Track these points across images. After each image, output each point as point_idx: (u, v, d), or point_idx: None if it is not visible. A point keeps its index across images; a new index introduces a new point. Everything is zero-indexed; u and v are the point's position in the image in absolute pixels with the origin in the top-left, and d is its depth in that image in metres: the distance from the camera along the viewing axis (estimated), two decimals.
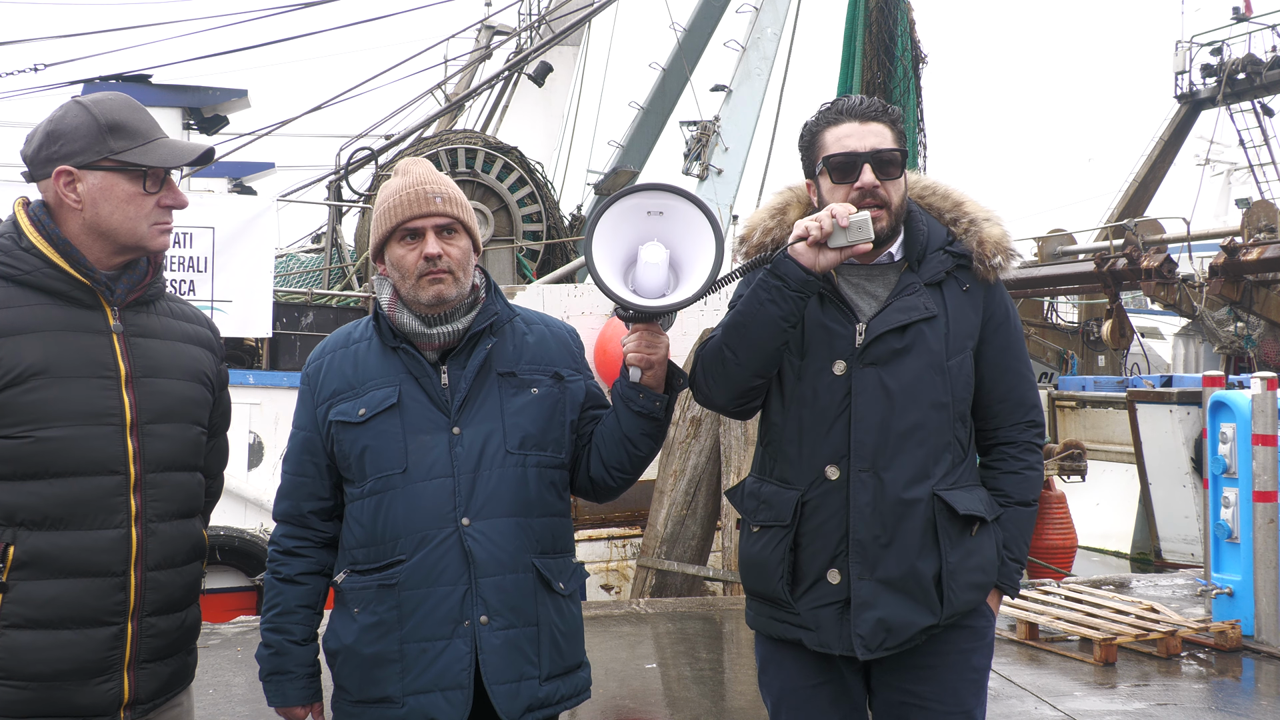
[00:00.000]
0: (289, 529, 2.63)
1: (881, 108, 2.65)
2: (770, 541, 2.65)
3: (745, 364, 2.56)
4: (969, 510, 2.60)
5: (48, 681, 2.22)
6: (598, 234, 2.47)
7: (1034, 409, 2.76)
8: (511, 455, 2.53)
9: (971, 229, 2.71)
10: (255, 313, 9.62)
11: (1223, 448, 6.60)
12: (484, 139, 12.69)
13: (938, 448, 2.60)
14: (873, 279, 2.66)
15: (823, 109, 2.70)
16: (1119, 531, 15.66)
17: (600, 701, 5.35)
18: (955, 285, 2.66)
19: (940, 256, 2.66)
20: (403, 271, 2.52)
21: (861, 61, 8.93)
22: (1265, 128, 24.74)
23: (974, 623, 2.67)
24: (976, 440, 2.76)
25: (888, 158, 2.59)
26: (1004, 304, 2.72)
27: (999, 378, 2.70)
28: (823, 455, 2.60)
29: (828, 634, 2.60)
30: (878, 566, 2.56)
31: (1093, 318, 21.90)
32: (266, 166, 20.48)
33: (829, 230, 2.45)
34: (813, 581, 2.61)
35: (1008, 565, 2.70)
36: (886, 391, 2.57)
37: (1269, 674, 5.95)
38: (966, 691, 2.66)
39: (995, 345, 2.69)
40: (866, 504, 2.56)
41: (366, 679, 2.51)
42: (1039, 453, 2.78)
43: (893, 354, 2.58)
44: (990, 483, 2.73)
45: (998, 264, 2.67)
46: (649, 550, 8.22)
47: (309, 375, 2.64)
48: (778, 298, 2.48)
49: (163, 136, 2.39)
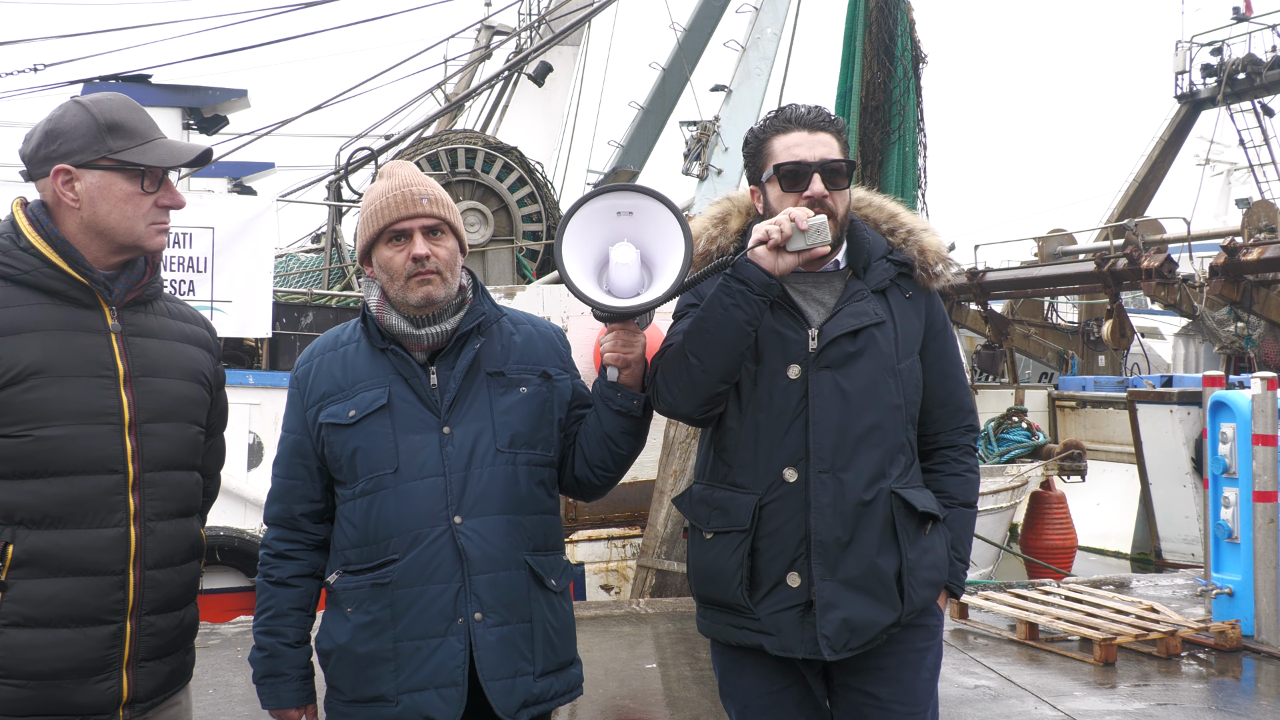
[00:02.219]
0: (280, 532, 2.64)
1: (828, 118, 2.70)
2: (726, 547, 2.65)
3: (711, 370, 2.57)
4: (926, 507, 2.66)
5: (47, 680, 2.23)
6: (568, 237, 2.50)
7: (971, 413, 2.85)
8: (502, 454, 2.54)
9: (910, 238, 2.78)
10: (255, 313, 9.61)
11: (1223, 448, 6.60)
12: (484, 139, 12.68)
13: (893, 448, 2.64)
14: (819, 286, 2.70)
15: (769, 116, 2.74)
16: (1119, 531, 15.66)
17: (600, 701, 5.36)
18: (899, 293, 2.72)
19: (883, 265, 2.72)
20: (391, 273, 2.54)
21: (861, 61, 8.93)
22: (1265, 128, 24.76)
23: (927, 621, 2.72)
24: (919, 444, 2.80)
25: (835, 168, 2.63)
26: (941, 311, 2.81)
27: (939, 383, 2.77)
28: (780, 458, 2.61)
29: (789, 638, 2.61)
30: (839, 567, 2.58)
31: (1093, 318, 21.90)
32: (266, 166, 20.46)
33: (789, 234, 2.50)
34: (772, 586, 2.62)
35: (955, 565, 2.76)
36: (843, 394, 2.60)
37: (1269, 674, 5.94)
38: (924, 691, 2.72)
39: (935, 351, 2.77)
40: (827, 505, 2.58)
41: (360, 678, 2.51)
42: (975, 456, 2.87)
43: (846, 357, 2.62)
44: (933, 485, 2.78)
45: (939, 271, 2.75)
46: (649, 550, 8.22)
47: (298, 378, 2.65)
48: (741, 301, 2.51)
49: (161, 137, 2.40)
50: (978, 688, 5.57)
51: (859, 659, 2.64)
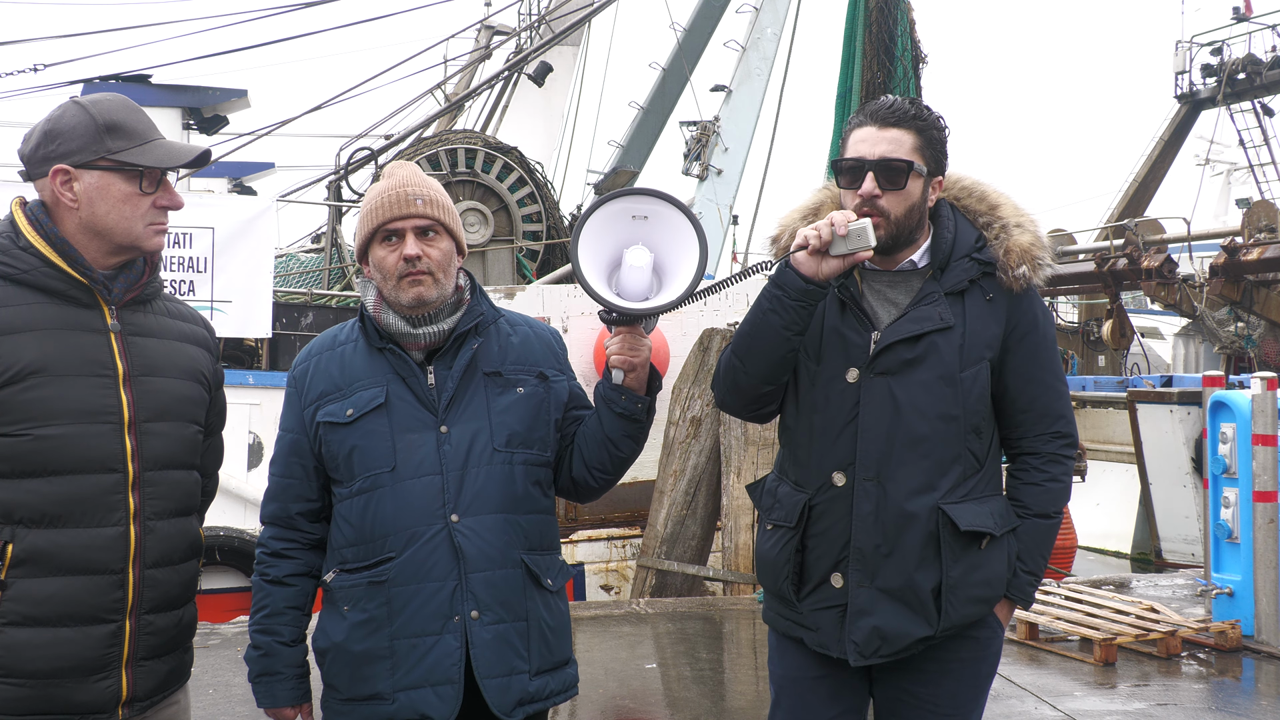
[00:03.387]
0: (277, 531, 2.64)
1: (908, 113, 2.58)
2: (779, 541, 2.67)
3: (752, 373, 2.57)
4: (972, 526, 2.55)
5: (46, 679, 2.23)
6: (584, 237, 2.50)
7: (1061, 419, 2.68)
8: (499, 453, 2.55)
9: (1002, 235, 2.65)
10: (255, 313, 9.61)
11: (1223, 448, 6.59)
12: (484, 139, 12.68)
13: (945, 460, 2.57)
14: (895, 286, 2.63)
15: (860, 108, 2.67)
16: (1119, 531, 15.65)
17: (600, 701, 5.35)
18: (979, 294, 2.61)
19: (965, 264, 2.61)
20: (384, 272, 2.55)
21: (861, 62, 8.92)
22: (1265, 128, 24.74)
23: (978, 633, 2.66)
24: (1005, 449, 2.72)
25: (895, 166, 2.53)
26: (1031, 313, 2.66)
27: (1023, 388, 2.65)
28: (831, 461, 2.60)
29: (827, 636, 2.62)
30: (877, 575, 2.56)
31: (1093, 318, 21.90)
32: (266, 167, 20.48)
33: (828, 239, 2.44)
34: (817, 584, 2.63)
35: (1020, 577, 2.67)
36: (894, 402, 2.55)
37: (1269, 674, 5.94)
38: (966, 696, 2.68)
39: (1020, 355, 2.63)
40: (869, 513, 2.56)
41: (356, 676, 2.52)
42: (1066, 464, 2.70)
43: (903, 364, 2.56)
44: (1011, 493, 2.70)
45: (1022, 274, 2.60)
46: (649, 550, 8.21)
47: (295, 378, 2.66)
48: (778, 307, 2.49)
49: (160, 137, 2.40)
50: None
51: (899, 663, 2.62)
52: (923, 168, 2.58)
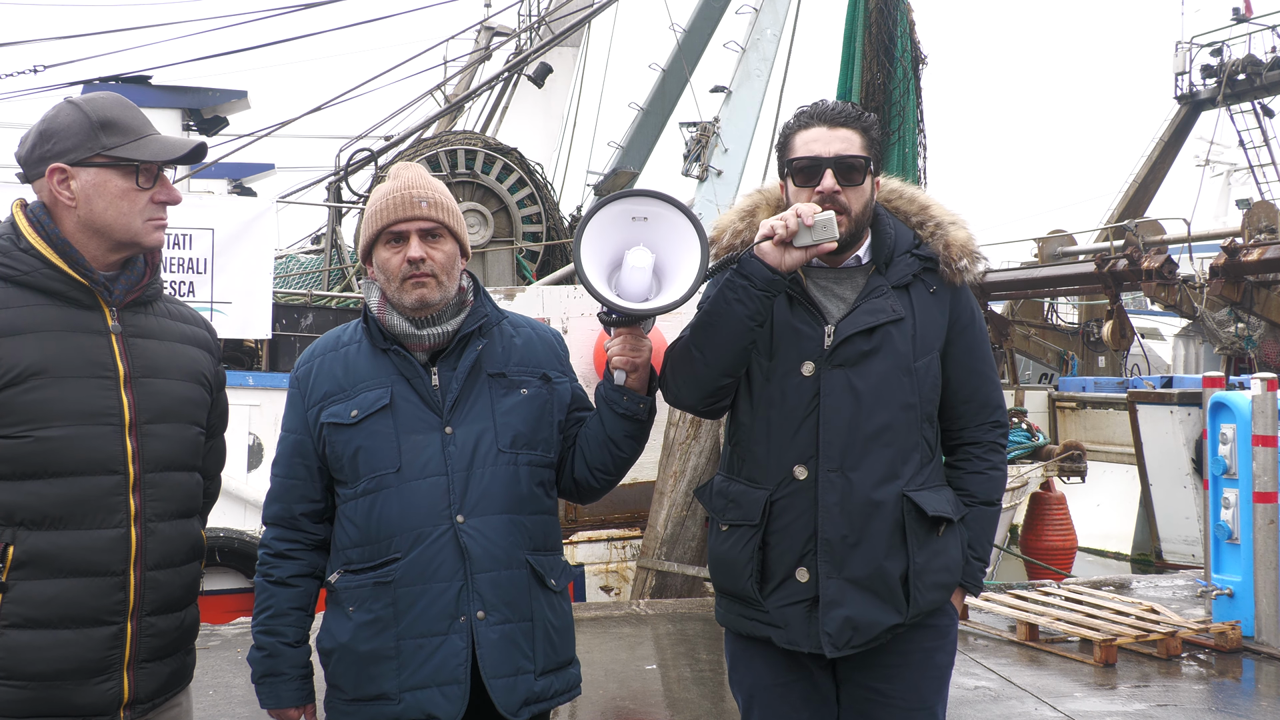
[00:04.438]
0: (280, 531, 2.64)
1: (854, 114, 2.67)
2: (739, 540, 2.67)
3: (713, 363, 2.58)
4: (937, 511, 2.63)
5: (47, 681, 2.23)
6: (586, 238, 2.51)
7: (998, 409, 2.80)
8: (503, 454, 2.56)
9: (938, 232, 2.74)
10: (255, 314, 9.61)
11: (1223, 449, 6.60)
12: (484, 140, 12.68)
13: (906, 448, 2.63)
14: (840, 282, 2.69)
15: (798, 112, 2.73)
16: (1119, 532, 15.67)
17: (600, 702, 5.36)
18: (922, 288, 2.69)
19: (907, 259, 2.69)
20: (387, 274, 2.56)
21: (861, 62, 8.91)
22: (1265, 128, 24.76)
23: (937, 621, 2.71)
24: (942, 441, 2.79)
25: (851, 163, 2.61)
26: (969, 306, 2.76)
27: (964, 379, 2.74)
28: (791, 455, 2.62)
29: (795, 632, 2.63)
30: (845, 566, 2.59)
31: (1093, 318, 21.91)
32: (266, 168, 20.47)
33: (794, 229, 2.48)
34: (781, 580, 2.64)
35: (972, 564, 2.75)
36: (855, 392, 2.59)
37: (1269, 675, 5.94)
38: (929, 688, 2.71)
39: (960, 347, 2.73)
40: (834, 504, 2.58)
41: (362, 676, 2.52)
42: (1003, 453, 2.82)
43: (861, 355, 2.61)
44: (955, 482, 2.77)
45: (964, 267, 2.71)
46: (649, 551, 8.22)
47: (299, 378, 2.66)
48: (744, 297, 2.51)
49: (154, 133, 2.40)
50: (978, 689, 5.57)
51: (865, 655, 2.65)
52: (873, 166, 2.67)
